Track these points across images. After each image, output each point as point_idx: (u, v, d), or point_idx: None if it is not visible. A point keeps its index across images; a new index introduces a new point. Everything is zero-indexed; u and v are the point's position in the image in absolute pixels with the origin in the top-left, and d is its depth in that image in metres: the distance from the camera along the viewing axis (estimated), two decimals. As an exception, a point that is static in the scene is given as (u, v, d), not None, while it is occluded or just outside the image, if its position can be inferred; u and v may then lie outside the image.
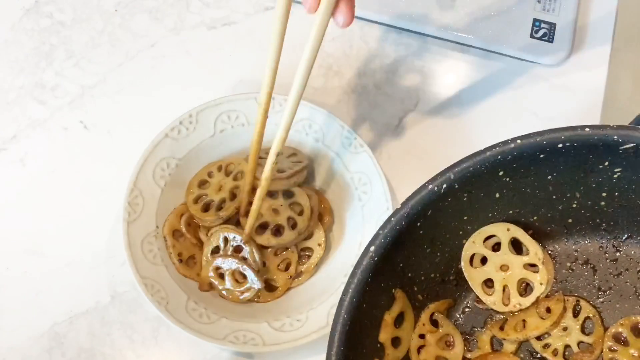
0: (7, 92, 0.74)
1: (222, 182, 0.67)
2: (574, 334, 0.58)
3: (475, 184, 0.54)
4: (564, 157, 0.53)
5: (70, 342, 0.65)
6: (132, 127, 0.72)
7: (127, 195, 0.64)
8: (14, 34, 0.77)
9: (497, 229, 0.59)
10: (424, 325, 0.58)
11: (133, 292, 0.66)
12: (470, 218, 0.58)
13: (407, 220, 0.53)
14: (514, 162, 0.53)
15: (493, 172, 0.54)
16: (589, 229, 0.61)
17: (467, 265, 0.59)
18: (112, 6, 0.78)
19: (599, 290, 0.60)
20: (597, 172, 0.55)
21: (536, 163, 0.54)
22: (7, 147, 0.72)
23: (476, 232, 0.59)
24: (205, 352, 0.65)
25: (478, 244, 0.59)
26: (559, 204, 0.58)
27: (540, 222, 0.60)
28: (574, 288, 0.60)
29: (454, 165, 0.54)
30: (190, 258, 0.66)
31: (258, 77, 0.74)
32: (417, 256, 0.57)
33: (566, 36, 0.74)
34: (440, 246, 0.58)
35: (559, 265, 0.61)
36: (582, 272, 0.61)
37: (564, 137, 0.52)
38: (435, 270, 0.59)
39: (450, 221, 0.57)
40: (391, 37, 0.76)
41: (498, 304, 0.59)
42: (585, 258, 0.61)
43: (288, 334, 0.62)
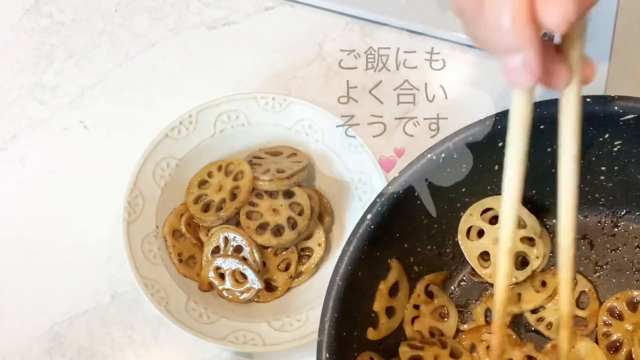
0: (7, 92, 0.74)
1: (222, 182, 0.67)
2: None
3: (474, 155, 0.54)
4: None
5: (70, 342, 0.65)
6: (132, 127, 0.72)
7: (127, 195, 0.64)
8: (14, 34, 0.77)
9: (495, 201, 0.59)
10: (419, 296, 0.58)
11: (133, 292, 0.66)
12: (468, 190, 0.58)
13: (404, 189, 0.53)
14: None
15: (492, 143, 0.54)
16: (587, 204, 0.60)
17: (463, 238, 0.59)
18: (112, 6, 0.78)
19: (595, 265, 0.60)
20: (598, 145, 0.55)
21: (536, 134, 0.53)
22: (7, 147, 0.72)
23: (474, 204, 0.59)
24: (205, 352, 0.65)
25: (475, 216, 0.59)
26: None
27: (538, 196, 0.59)
28: None
29: (453, 135, 0.53)
30: (190, 258, 0.66)
31: (258, 77, 0.75)
32: (414, 227, 0.56)
33: (566, 36, 0.74)
34: (438, 218, 0.58)
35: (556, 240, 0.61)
36: (580, 247, 0.60)
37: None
38: (431, 242, 0.59)
39: (448, 192, 0.57)
40: (391, 37, 0.76)
41: (494, 276, 0.58)
42: (583, 233, 0.61)
43: (288, 334, 0.62)
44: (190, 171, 0.68)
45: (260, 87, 0.74)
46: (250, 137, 0.69)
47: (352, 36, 0.76)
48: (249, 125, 0.68)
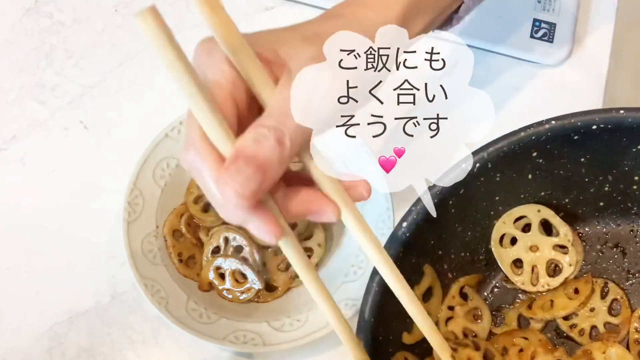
0: (7, 92, 0.74)
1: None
2: (601, 314, 0.59)
3: (508, 164, 0.55)
4: (597, 139, 0.54)
5: (70, 342, 0.65)
6: (132, 127, 0.72)
7: (127, 195, 0.64)
8: (14, 34, 0.77)
9: (528, 209, 0.59)
10: (454, 298, 0.59)
11: (133, 292, 0.66)
12: (501, 198, 0.59)
13: (439, 198, 0.54)
14: (547, 143, 0.54)
15: (527, 153, 0.55)
16: (620, 212, 0.61)
17: (496, 245, 0.60)
18: (112, 6, 0.78)
19: (628, 273, 0.60)
20: (631, 155, 0.56)
21: (570, 144, 0.55)
22: (7, 147, 0.72)
23: (507, 212, 0.59)
24: (205, 352, 0.65)
25: (508, 224, 0.60)
26: (590, 187, 0.59)
27: (571, 204, 0.60)
28: (603, 270, 0.61)
29: (488, 145, 0.54)
30: (190, 258, 0.66)
31: (258, 77, 0.75)
32: (448, 234, 0.57)
33: (566, 36, 0.74)
34: (471, 225, 0.59)
35: (588, 248, 0.61)
36: (612, 255, 0.61)
37: (598, 119, 0.53)
38: (465, 249, 0.59)
39: (481, 201, 0.58)
40: (391, 37, 0.76)
41: (527, 284, 0.60)
42: (616, 241, 0.61)
43: (288, 334, 0.62)
44: (190, 171, 0.68)
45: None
46: (250, 137, 0.69)
47: (352, 36, 0.76)
48: (249, 125, 0.68)
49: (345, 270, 0.65)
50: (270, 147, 0.41)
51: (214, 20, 0.42)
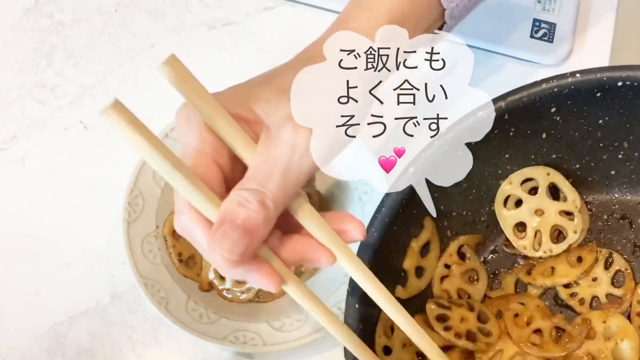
0: (7, 92, 0.74)
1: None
2: (604, 285, 0.58)
3: (525, 118, 0.53)
4: (620, 98, 0.52)
5: (70, 342, 0.65)
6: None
7: (127, 195, 0.64)
8: (14, 34, 0.77)
9: (537, 172, 0.58)
10: (451, 256, 0.58)
11: (133, 292, 0.66)
12: (511, 157, 0.57)
13: (450, 145, 0.52)
14: (569, 97, 0.52)
15: (546, 107, 0.53)
16: (630, 183, 0.60)
17: (500, 206, 0.58)
18: (112, 6, 0.78)
19: (634, 246, 0.60)
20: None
21: (591, 102, 0.53)
22: (7, 147, 0.72)
23: (515, 172, 0.58)
24: (205, 352, 0.65)
25: (515, 185, 0.58)
26: (604, 153, 0.57)
27: (582, 170, 0.59)
28: (608, 242, 0.60)
29: (508, 94, 0.52)
30: (190, 258, 0.66)
31: (258, 77, 0.75)
32: (452, 188, 0.55)
33: (566, 36, 0.74)
34: (477, 183, 0.57)
35: (595, 218, 0.60)
36: (619, 227, 0.60)
37: (625, 75, 0.52)
38: (467, 208, 0.58)
39: (491, 157, 0.56)
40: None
41: (528, 248, 0.58)
42: (623, 212, 0.60)
43: (288, 334, 0.62)
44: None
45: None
46: (250, 137, 0.69)
47: (352, 36, 0.76)
48: (249, 125, 0.68)
49: (345, 271, 0.65)
50: (254, 211, 0.41)
51: (184, 89, 0.42)
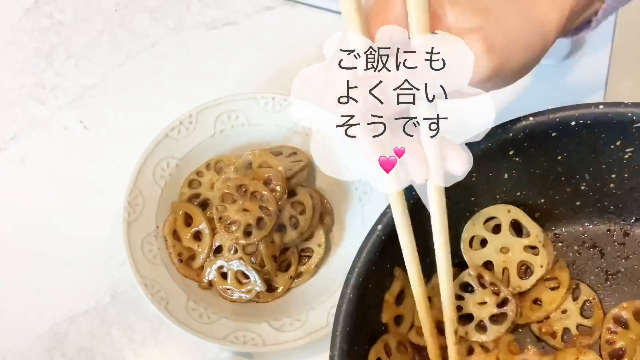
0: (7, 92, 0.74)
1: (214, 179, 0.67)
2: (573, 316, 0.58)
3: (484, 164, 0.54)
4: (575, 136, 0.53)
5: (70, 342, 0.65)
6: (132, 127, 0.72)
7: (127, 195, 0.64)
8: (14, 34, 0.77)
9: (497, 210, 0.59)
10: (433, 289, 0.57)
11: (133, 292, 0.66)
12: (477, 199, 0.58)
13: (415, 199, 0.52)
14: (525, 140, 0.53)
15: (503, 151, 0.54)
16: (597, 211, 0.60)
17: (466, 248, 0.59)
18: (112, 6, 0.78)
19: (606, 274, 0.60)
20: (608, 152, 0.55)
21: (547, 142, 0.54)
22: (7, 147, 0.72)
23: (476, 213, 0.58)
24: (205, 352, 0.65)
25: (478, 225, 0.59)
26: (567, 185, 0.58)
27: (547, 204, 0.59)
28: (581, 272, 0.60)
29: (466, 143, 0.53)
30: (190, 258, 0.66)
31: (258, 77, 0.75)
32: (423, 236, 0.55)
33: (566, 36, 0.74)
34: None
35: (566, 249, 0.61)
36: (590, 256, 0.60)
37: (577, 115, 0.52)
38: None
39: (457, 202, 0.56)
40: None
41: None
42: (593, 242, 0.60)
43: (288, 334, 0.62)
44: (190, 171, 0.68)
45: (260, 87, 0.74)
46: (250, 137, 0.69)
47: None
48: (249, 125, 0.68)
49: (345, 270, 0.65)
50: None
51: None
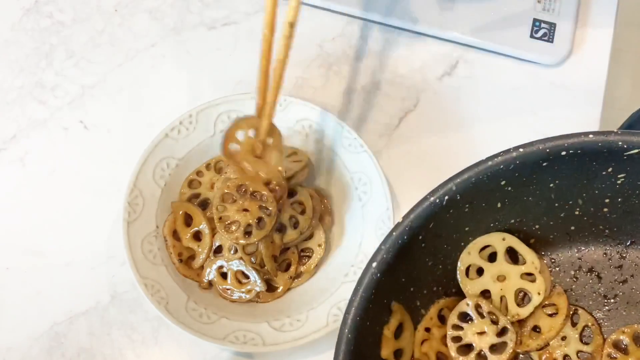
0: (7, 92, 0.74)
1: (214, 179, 0.67)
2: (573, 343, 0.58)
3: (477, 194, 0.54)
4: (566, 164, 0.53)
5: (70, 342, 0.65)
6: (132, 127, 0.72)
7: (127, 195, 0.64)
8: (14, 34, 0.77)
9: (492, 239, 0.59)
10: (431, 319, 0.58)
11: (133, 292, 0.66)
12: (471, 229, 0.58)
13: (409, 234, 0.52)
14: (516, 171, 0.53)
15: (495, 182, 0.54)
16: (592, 235, 0.60)
17: (463, 277, 0.59)
18: (112, 6, 0.78)
19: (604, 298, 0.59)
20: (600, 178, 0.55)
21: (538, 171, 0.53)
22: (7, 147, 0.72)
23: (471, 242, 0.58)
24: (205, 352, 0.65)
25: (473, 254, 0.58)
26: (561, 211, 0.58)
27: (542, 230, 0.59)
28: (579, 297, 0.60)
29: (456, 176, 0.53)
30: (190, 258, 0.66)
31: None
32: (419, 270, 0.56)
33: (566, 36, 0.74)
34: (442, 259, 0.58)
35: (563, 274, 0.60)
36: (587, 280, 0.60)
37: (567, 145, 0.52)
38: (437, 284, 0.58)
39: (451, 233, 0.57)
40: (391, 37, 0.76)
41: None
42: (590, 266, 0.60)
43: (288, 334, 0.62)
44: (190, 171, 0.68)
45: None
46: (250, 137, 0.69)
47: (352, 36, 0.76)
48: (249, 125, 0.68)
49: (345, 270, 0.65)
50: None
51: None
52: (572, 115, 0.73)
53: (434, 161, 0.71)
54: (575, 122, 0.73)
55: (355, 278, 0.64)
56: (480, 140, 0.72)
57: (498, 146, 0.72)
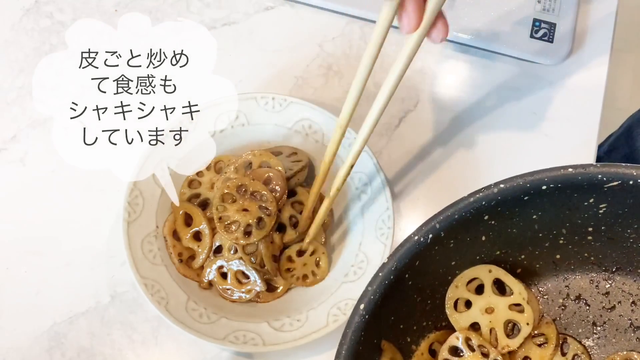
0: (7, 92, 0.74)
1: (214, 179, 0.67)
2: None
3: (460, 230, 0.54)
4: (548, 197, 0.53)
5: (70, 342, 0.65)
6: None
7: (127, 195, 0.64)
8: (14, 34, 0.77)
9: (479, 271, 0.59)
10: (422, 355, 0.58)
11: (133, 292, 0.66)
12: (457, 262, 0.58)
13: (395, 274, 0.52)
14: (498, 205, 0.53)
15: (478, 217, 0.54)
16: (577, 263, 0.60)
17: (451, 311, 0.59)
18: (112, 6, 0.78)
19: (594, 326, 0.60)
20: (582, 208, 0.55)
21: (520, 205, 0.54)
22: (7, 147, 0.72)
23: (458, 276, 0.58)
24: (205, 352, 0.65)
25: (461, 287, 0.58)
26: (545, 241, 0.58)
27: (528, 259, 0.60)
28: (568, 325, 0.60)
29: (439, 214, 0.53)
30: (190, 258, 0.66)
31: (258, 77, 0.75)
32: (408, 307, 0.56)
33: (566, 36, 0.74)
34: (430, 294, 0.58)
35: (551, 302, 0.60)
36: (575, 308, 0.60)
37: (547, 179, 0.52)
38: (427, 318, 0.58)
39: (438, 268, 0.57)
40: (391, 37, 0.76)
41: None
42: (577, 293, 0.60)
43: (288, 334, 0.62)
44: (190, 171, 0.68)
45: (260, 87, 0.74)
46: (250, 137, 0.69)
47: (352, 36, 0.76)
48: (249, 125, 0.68)
49: (345, 270, 0.65)
50: None
51: None
52: (572, 115, 0.73)
53: (434, 161, 0.71)
54: (575, 122, 0.73)
55: (355, 278, 0.64)
56: (480, 140, 0.72)
57: (498, 146, 0.72)
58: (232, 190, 0.64)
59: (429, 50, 0.75)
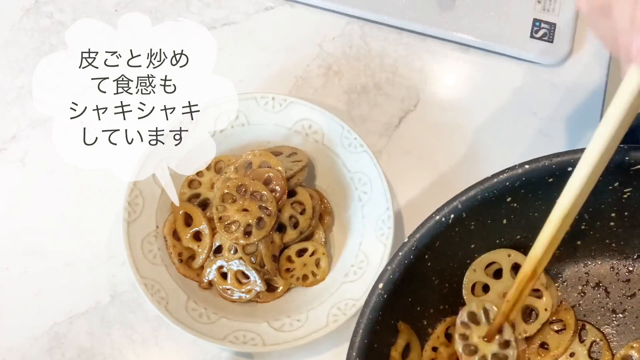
0: (7, 92, 0.74)
1: (214, 179, 0.67)
2: (581, 359, 0.57)
3: (482, 212, 0.54)
4: None
5: (70, 342, 0.65)
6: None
7: (127, 195, 0.64)
8: (14, 34, 0.77)
9: (498, 255, 0.58)
10: (439, 338, 0.58)
11: (133, 292, 0.66)
12: (477, 246, 0.57)
13: (415, 254, 0.52)
14: (522, 187, 0.53)
15: (501, 199, 0.53)
16: (598, 250, 0.59)
17: (469, 295, 0.58)
18: (112, 6, 0.78)
19: (613, 313, 0.59)
20: (607, 193, 0.54)
21: (544, 187, 0.53)
22: (7, 147, 0.72)
23: (477, 259, 0.58)
24: (205, 352, 0.65)
25: (479, 272, 0.58)
26: None
27: None
28: (587, 312, 0.59)
29: (462, 194, 0.53)
30: (190, 258, 0.66)
31: (258, 77, 0.75)
32: (425, 289, 0.56)
33: (566, 36, 0.74)
34: (448, 277, 0.57)
35: (570, 289, 0.60)
36: (595, 295, 0.60)
37: (574, 160, 0.51)
38: (444, 302, 0.58)
39: (457, 250, 0.56)
40: (391, 37, 0.76)
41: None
42: (597, 280, 0.60)
43: (288, 334, 0.62)
44: (190, 171, 0.68)
45: (260, 87, 0.74)
46: (250, 137, 0.69)
47: (352, 36, 0.76)
48: (249, 125, 0.68)
49: (345, 270, 0.65)
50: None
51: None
52: (572, 115, 0.73)
53: (434, 161, 0.71)
54: (576, 122, 0.73)
55: (355, 278, 0.64)
56: (480, 140, 0.72)
57: (498, 146, 0.72)
58: (232, 190, 0.64)
59: (429, 49, 0.75)
